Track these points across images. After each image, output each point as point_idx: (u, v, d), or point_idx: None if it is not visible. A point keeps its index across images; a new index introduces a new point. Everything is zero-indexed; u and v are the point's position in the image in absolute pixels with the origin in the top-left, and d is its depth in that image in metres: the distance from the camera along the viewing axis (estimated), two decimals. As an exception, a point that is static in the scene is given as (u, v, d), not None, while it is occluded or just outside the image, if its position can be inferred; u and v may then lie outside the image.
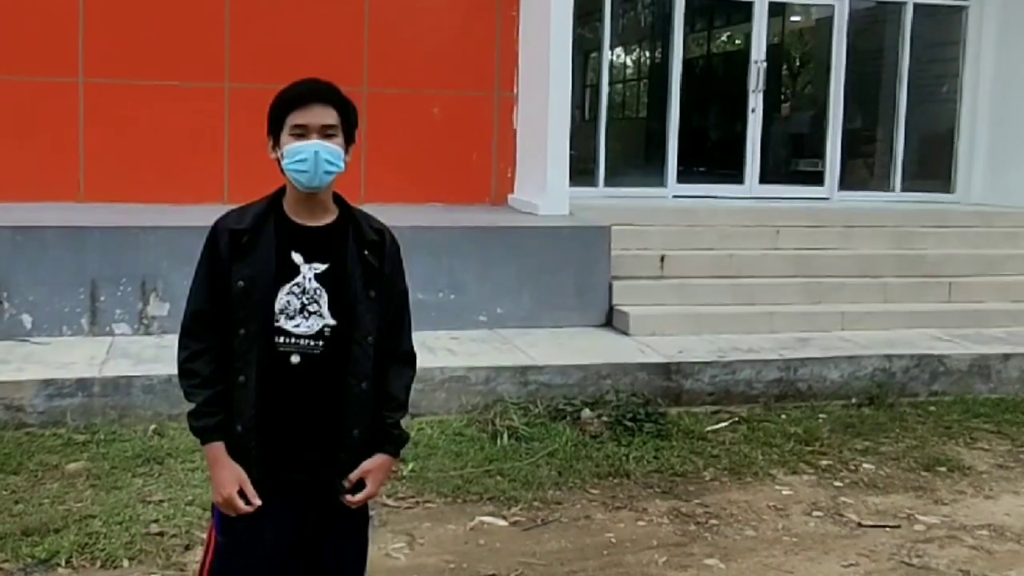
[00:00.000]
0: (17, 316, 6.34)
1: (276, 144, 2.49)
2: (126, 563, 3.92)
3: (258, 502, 2.45)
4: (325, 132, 2.45)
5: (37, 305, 6.37)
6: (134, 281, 6.50)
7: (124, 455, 5.00)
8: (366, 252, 2.52)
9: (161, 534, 4.15)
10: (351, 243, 2.52)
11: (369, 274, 2.52)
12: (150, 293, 6.51)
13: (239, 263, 2.45)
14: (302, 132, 2.43)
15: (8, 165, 7.61)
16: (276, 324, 2.45)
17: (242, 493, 2.45)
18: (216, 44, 7.96)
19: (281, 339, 2.45)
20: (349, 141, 2.52)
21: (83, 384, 5.51)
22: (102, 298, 6.47)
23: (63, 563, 3.87)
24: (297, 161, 2.42)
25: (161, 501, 4.47)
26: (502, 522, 4.49)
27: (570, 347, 6.67)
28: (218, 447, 2.48)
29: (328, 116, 2.46)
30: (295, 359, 2.45)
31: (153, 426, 5.39)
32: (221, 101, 7.89)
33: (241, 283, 2.45)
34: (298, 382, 2.47)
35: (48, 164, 7.73)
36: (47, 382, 5.48)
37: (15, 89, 7.67)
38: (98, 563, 3.90)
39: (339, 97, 2.50)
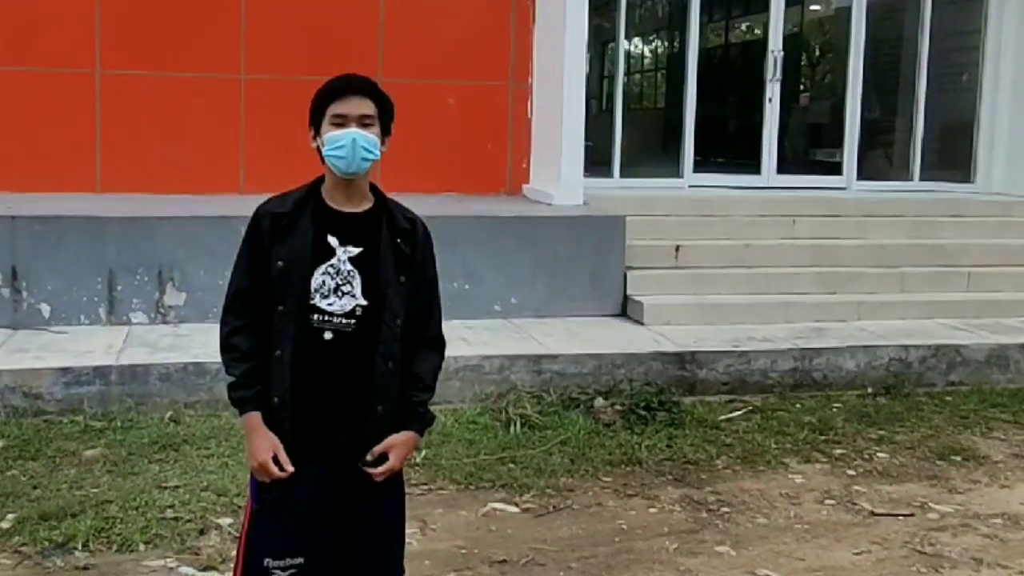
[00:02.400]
0: (36, 305, 6.41)
1: (317, 133, 2.63)
2: (142, 547, 3.96)
3: (291, 468, 2.56)
4: (363, 121, 2.59)
5: (55, 294, 6.43)
6: (151, 271, 6.55)
7: (141, 442, 5.05)
8: (398, 240, 2.66)
9: (176, 519, 4.20)
10: (384, 230, 2.65)
11: (400, 260, 2.65)
12: (167, 283, 6.56)
13: (279, 244, 2.60)
14: (341, 121, 2.58)
15: (26, 156, 7.68)
16: (311, 302, 2.58)
17: (276, 460, 2.57)
18: (232, 35, 8.00)
19: (315, 316, 2.58)
20: (386, 132, 2.66)
21: (100, 372, 5.57)
22: (119, 287, 6.53)
23: (80, 547, 3.92)
24: (336, 148, 2.56)
25: (177, 487, 4.51)
26: (514, 508, 4.52)
27: (584, 336, 6.68)
28: (255, 416, 2.61)
29: (366, 107, 2.60)
30: (328, 335, 2.58)
31: (169, 413, 5.44)
32: (237, 92, 7.93)
33: (280, 263, 2.59)
34: (330, 357, 2.59)
35: (66, 155, 7.79)
36: (65, 370, 5.54)
37: (33, 80, 7.74)
38: (114, 547, 3.95)
39: (376, 90, 2.64)
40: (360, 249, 2.61)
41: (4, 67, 7.68)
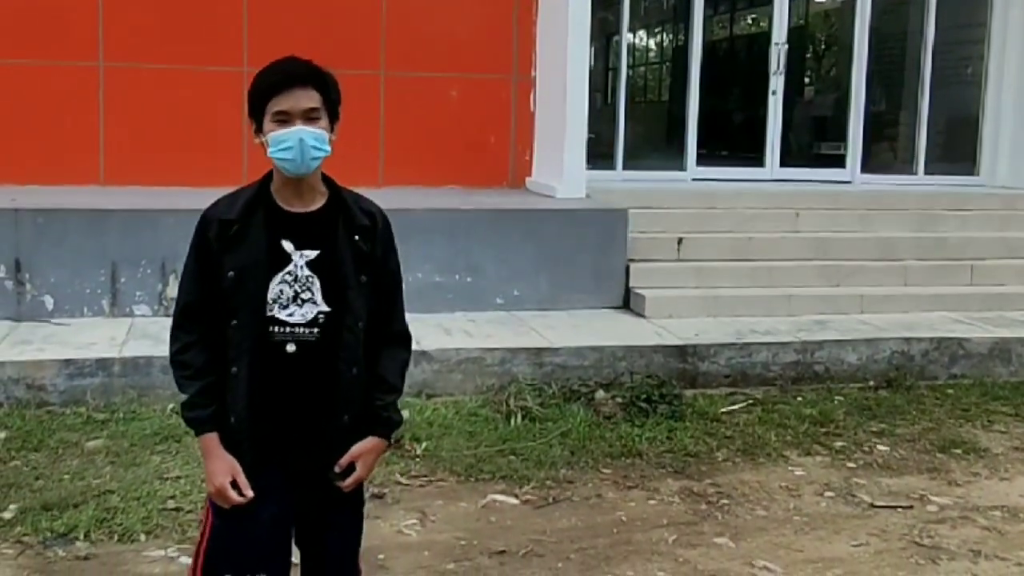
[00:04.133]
0: (39, 297, 6.44)
1: (259, 129, 2.44)
2: (143, 537, 3.99)
3: (250, 493, 2.43)
4: (308, 116, 2.40)
5: (59, 287, 6.46)
6: (154, 263, 6.57)
7: (143, 433, 5.08)
8: (356, 237, 2.49)
9: (177, 510, 4.23)
10: (341, 229, 2.48)
11: (359, 259, 2.49)
12: (169, 275, 6.57)
13: (229, 254, 2.43)
14: (285, 118, 2.39)
15: (30, 149, 7.69)
16: (269, 314, 2.42)
17: (235, 484, 2.44)
18: (234, 28, 8.00)
19: (275, 328, 2.43)
20: (334, 119, 2.48)
21: (103, 364, 5.59)
22: (122, 280, 6.55)
23: (82, 537, 3.95)
24: (282, 149, 2.38)
25: (178, 478, 4.54)
26: (514, 500, 4.53)
27: (586, 329, 6.68)
28: (211, 438, 2.47)
29: (310, 99, 2.40)
30: (291, 348, 2.43)
31: (171, 405, 5.42)
32: (240, 84, 7.90)
33: (232, 274, 2.42)
34: (293, 370, 2.45)
35: (69, 147, 7.81)
36: (68, 362, 5.56)
37: (37, 73, 7.75)
38: (115, 537, 3.98)
39: (320, 77, 2.44)
40: (317, 252, 2.45)
41: (8, 60, 7.70)
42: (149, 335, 6.10)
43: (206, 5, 7.99)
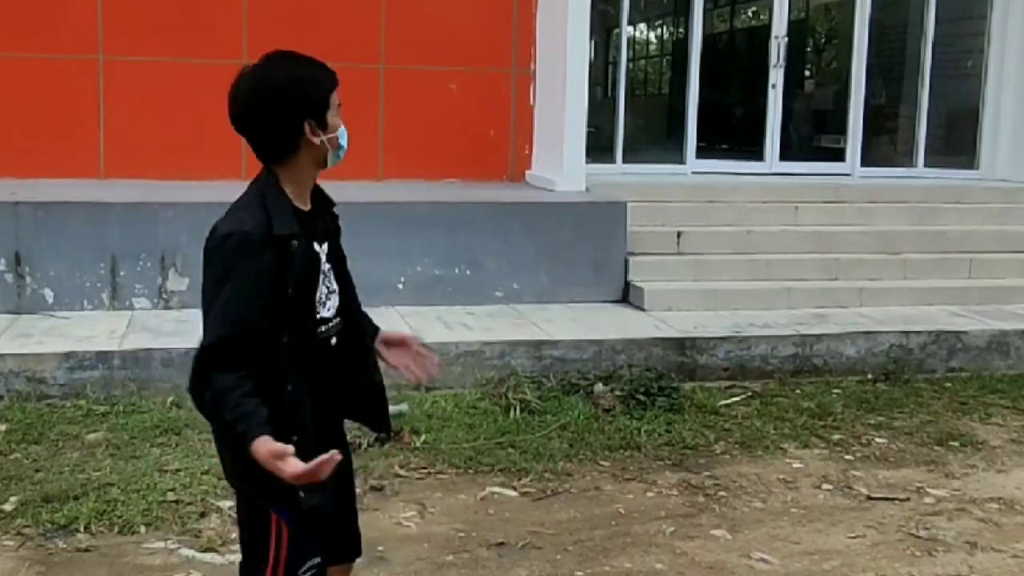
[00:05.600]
0: (39, 290, 6.45)
1: (320, 125, 2.34)
2: (143, 529, 4.01)
3: (338, 456, 2.18)
4: None
5: (59, 280, 6.47)
6: (154, 256, 6.58)
7: (143, 426, 5.09)
8: (332, 219, 2.58)
9: (177, 502, 4.24)
10: (328, 216, 2.56)
11: (339, 235, 2.60)
12: (169, 268, 6.59)
13: (291, 269, 2.31)
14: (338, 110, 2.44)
15: (30, 142, 7.70)
16: (318, 316, 2.44)
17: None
18: (234, 22, 8.00)
19: (322, 328, 2.46)
20: None
21: (103, 357, 5.61)
22: (122, 273, 6.56)
23: (82, 529, 3.97)
24: (344, 140, 2.41)
25: (178, 470, 4.55)
26: (512, 492, 4.55)
27: (585, 322, 6.69)
28: (267, 438, 2.17)
29: None
30: (333, 340, 2.51)
31: (171, 398, 5.46)
32: (239, 78, 7.94)
33: (292, 290, 2.32)
34: (335, 359, 2.52)
35: (69, 141, 7.82)
36: (68, 355, 5.58)
37: (36, 67, 7.75)
38: (116, 529, 4.00)
39: None
40: (327, 243, 2.49)
41: (7, 53, 7.70)
42: (149, 328, 6.12)
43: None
